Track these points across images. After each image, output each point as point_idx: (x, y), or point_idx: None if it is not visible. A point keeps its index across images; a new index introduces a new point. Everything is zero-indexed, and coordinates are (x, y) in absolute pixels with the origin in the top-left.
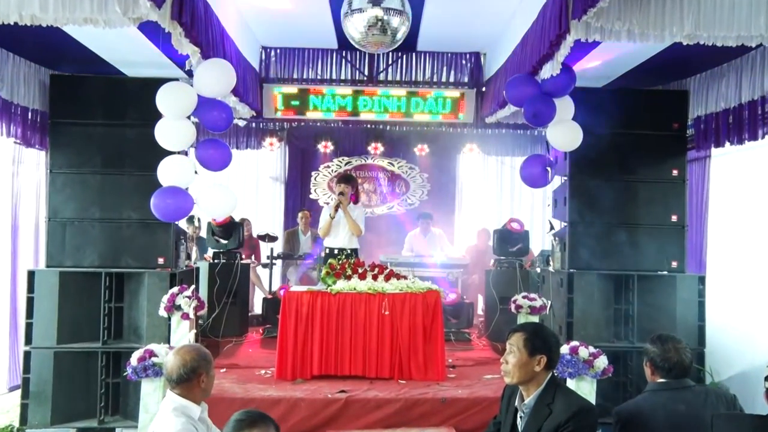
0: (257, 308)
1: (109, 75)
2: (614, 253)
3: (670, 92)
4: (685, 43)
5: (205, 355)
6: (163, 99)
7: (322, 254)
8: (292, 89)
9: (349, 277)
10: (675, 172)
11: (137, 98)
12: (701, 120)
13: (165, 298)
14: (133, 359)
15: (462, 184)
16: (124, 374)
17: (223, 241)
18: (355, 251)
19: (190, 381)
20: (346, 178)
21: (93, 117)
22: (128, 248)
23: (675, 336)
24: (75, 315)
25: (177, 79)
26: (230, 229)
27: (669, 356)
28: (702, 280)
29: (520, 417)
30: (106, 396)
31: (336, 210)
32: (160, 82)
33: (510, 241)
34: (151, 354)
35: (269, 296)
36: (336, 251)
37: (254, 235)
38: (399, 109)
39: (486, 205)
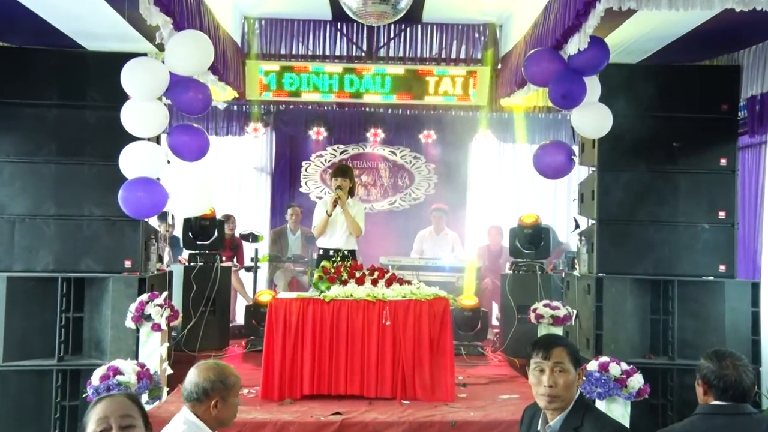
0: (239, 318)
1: (65, 48)
2: (651, 255)
3: (718, 68)
4: (737, 10)
5: (225, 378)
6: (129, 77)
7: (315, 256)
8: (279, 67)
9: (344, 282)
10: (723, 162)
11: (99, 76)
12: (756, 100)
13: (132, 307)
14: (95, 378)
15: (475, 175)
16: (84, 396)
17: (202, 242)
18: (352, 252)
19: (200, 402)
20: (342, 171)
21: (47, 97)
22: (89, 249)
23: (735, 353)
24: (25, 327)
25: (146, 54)
26: (209, 226)
27: (726, 374)
28: (756, 286)
29: None
30: (62, 421)
31: (333, 207)
32: (126, 57)
33: (530, 240)
34: (116, 372)
35: (251, 303)
36: (331, 252)
37: (236, 234)
38: (402, 90)
39: (502, 199)
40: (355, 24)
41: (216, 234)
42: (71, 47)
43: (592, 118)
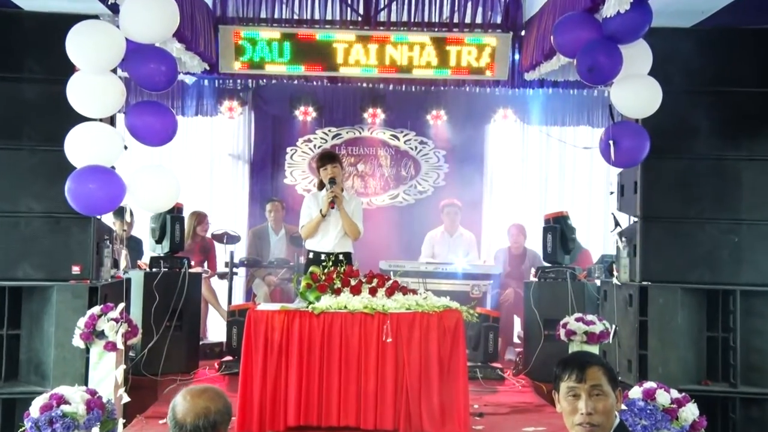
0: (211, 334)
1: None
2: (707, 259)
3: None
4: None
5: (230, 407)
6: (76, 44)
7: (302, 260)
8: (260, 34)
9: (337, 291)
10: None
11: (39, 42)
12: None
13: (81, 322)
14: (34, 408)
15: (493, 163)
16: (21, 430)
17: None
18: (347, 256)
19: None
20: (331, 157)
21: None
22: (28, 253)
23: None
24: None
25: (97, 17)
26: (162, 224)
27: None
28: None
29: None
30: None
31: (331, 207)
32: (72, 19)
33: (569, 240)
34: (61, 401)
35: (228, 318)
36: (322, 256)
37: (208, 234)
38: (405, 62)
39: (526, 192)
40: None
41: (169, 232)
42: (3, 6)
43: (636, 94)
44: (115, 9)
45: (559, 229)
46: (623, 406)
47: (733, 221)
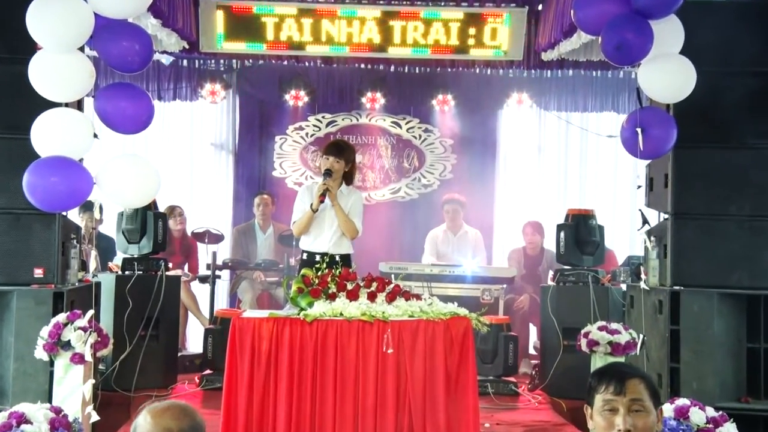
0: (191, 345)
1: None
2: (746, 261)
3: None
4: None
5: (200, 424)
6: (39, 19)
7: (293, 261)
8: (245, 7)
9: (332, 296)
10: None
11: None
12: None
13: (45, 332)
14: None
15: (506, 154)
16: None
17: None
18: (345, 258)
19: None
20: (336, 147)
21: None
22: None
23: None
24: None
25: None
26: (142, 222)
27: None
28: None
29: None
30: None
31: (321, 200)
32: None
33: (588, 242)
34: (21, 420)
35: (210, 326)
36: (317, 258)
37: (188, 232)
38: (408, 40)
39: (543, 186)
40: None
41: (148, 231)
42: None
43: (666, 76)
44: None
45: (573, 227)
46: None
47: None
